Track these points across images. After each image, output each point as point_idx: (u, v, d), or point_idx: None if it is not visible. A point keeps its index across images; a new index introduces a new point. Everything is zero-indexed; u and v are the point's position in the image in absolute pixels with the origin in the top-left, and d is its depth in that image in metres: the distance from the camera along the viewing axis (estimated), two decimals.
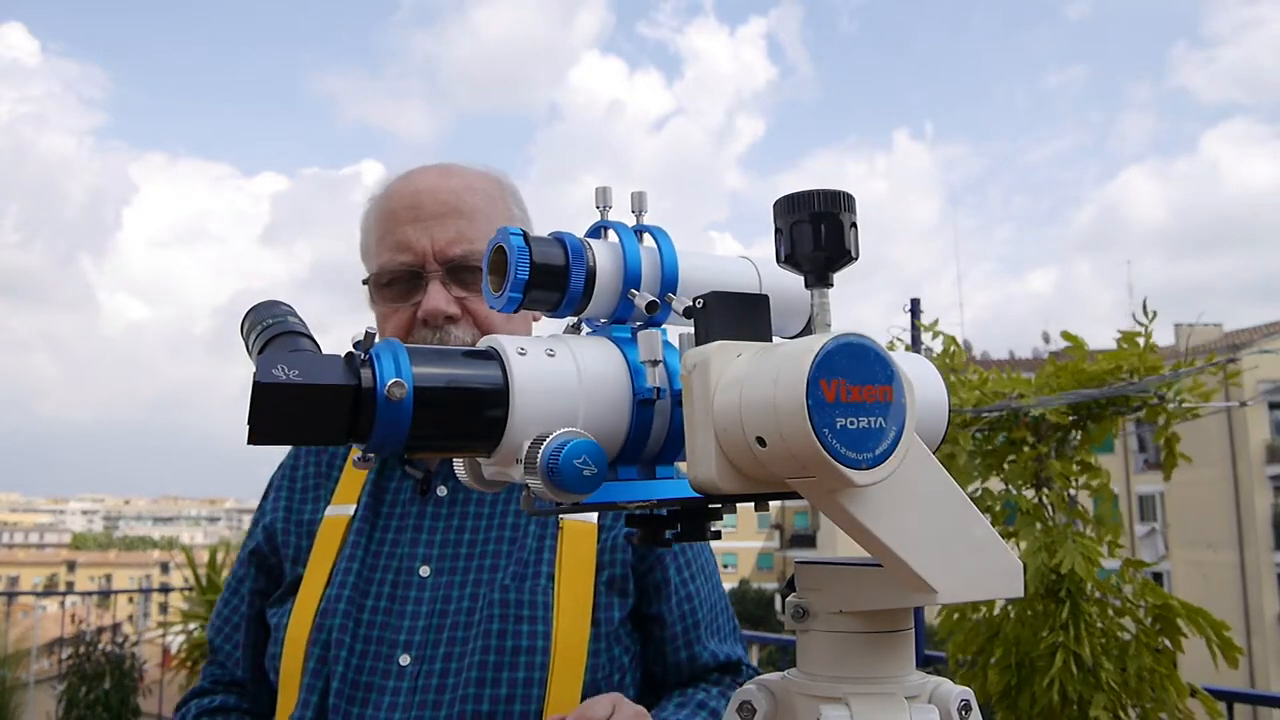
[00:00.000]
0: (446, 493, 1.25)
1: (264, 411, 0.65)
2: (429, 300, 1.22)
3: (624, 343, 0.75)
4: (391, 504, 1.25)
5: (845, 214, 0.67)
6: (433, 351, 0.70)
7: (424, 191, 1.27)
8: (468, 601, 1.15)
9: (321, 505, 1.28)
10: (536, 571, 1.18)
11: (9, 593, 12.73)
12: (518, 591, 1.16)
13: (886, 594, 0.71)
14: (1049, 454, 2.07)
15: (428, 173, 1.31)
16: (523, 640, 1.13)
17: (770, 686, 0.78)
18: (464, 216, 1.26)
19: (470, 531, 1.21)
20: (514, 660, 1.12)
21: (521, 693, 1.11)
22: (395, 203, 1.28)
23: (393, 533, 1.22)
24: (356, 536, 1.21)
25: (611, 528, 1.25)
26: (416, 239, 1.24)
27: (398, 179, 1.33)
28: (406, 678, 1.11)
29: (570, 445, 0.64)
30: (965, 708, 0.75)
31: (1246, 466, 24.01)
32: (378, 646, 1.14)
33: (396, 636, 1.14)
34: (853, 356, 0.59)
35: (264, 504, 1.36)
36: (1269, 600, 23.55)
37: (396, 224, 1.26)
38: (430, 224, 1.24)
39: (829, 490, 0.62)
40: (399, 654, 1.13)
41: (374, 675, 1.12)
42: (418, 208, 1.26)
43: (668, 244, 0.78)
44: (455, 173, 1.31)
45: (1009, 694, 1.97)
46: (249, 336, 0.81)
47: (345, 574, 1.18)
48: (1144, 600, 1.97)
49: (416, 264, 1.24)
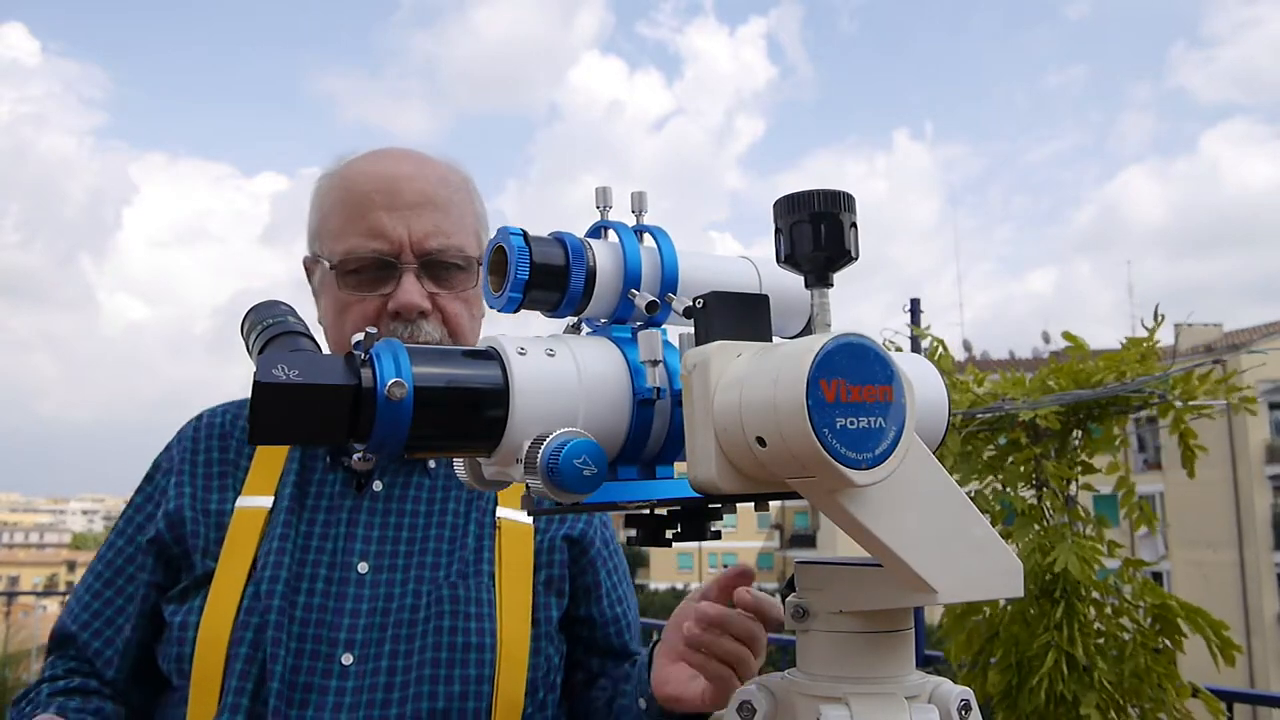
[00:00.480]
0: (382, 488, 1.20)
1: (264, 411, 0.65)
2: (403, 293, 1.17)
3: (624, 343, 0.75)
4: (317, 496, 1.18)
5: (845, 214, 0.67)
6: (433, 351, 0.70)
7: (400, 178, 1.21)
8: (411, 599, 1.13)
9: (230, 495, 1.19)
10: (478, 570, 1.17)
11: (9, 593, 12.73)
12: (465, 589, 1.14)
13: (886, 594, 0.71)
14: (1046, 455, 2.07)
15: (400, 158, 1.25)
16: (472, 637, 1.12)
17: (770, 686, 0.78)
18: (440, 209, 1.21)
19: (409, 529, 1.18)
20: (465, 657, 1.11)
21: (474, 689, 1.10)
22: (367, 185, 1.21)
23: (320, 526, 1.16)
24: (285, 529, 1.14)
25: (546, 530, 1.25)
26: (392, 227, 1.18)
27: (363, 158, 1.26)
28: (351, 677, 1.08)
29: (570, 445, 0.64)
30: (965, 708, 0.75)
31: (1246, 466, 24.01)
32: (314, 645, 1.09)
33: (336, 635, 1.09)
34: (853, 356, 0.59)
35: (157, 487, 1.24)
36: (1269, 600, 23.56)
37: (369, 208, 1.19)
38: (407, 213, 1.19)
39: (829, 490, 0.62)
40: (340, 653, 1.09)
41: (313, 675, 1.08)
42: (394, 194, 1.20)
43: (668, 244, 0.78)
44: (428, 161, 1.26)
45: (1009, 694, 1.97)
46: (249, 336, 0.81)
47: (275, 569, 1.11)
48: (1143, 600, 1.97)
49: (391, 253, 1.18)
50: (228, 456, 1.23)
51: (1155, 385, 1.96)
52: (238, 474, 1.21)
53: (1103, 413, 2.03)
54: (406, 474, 1.22)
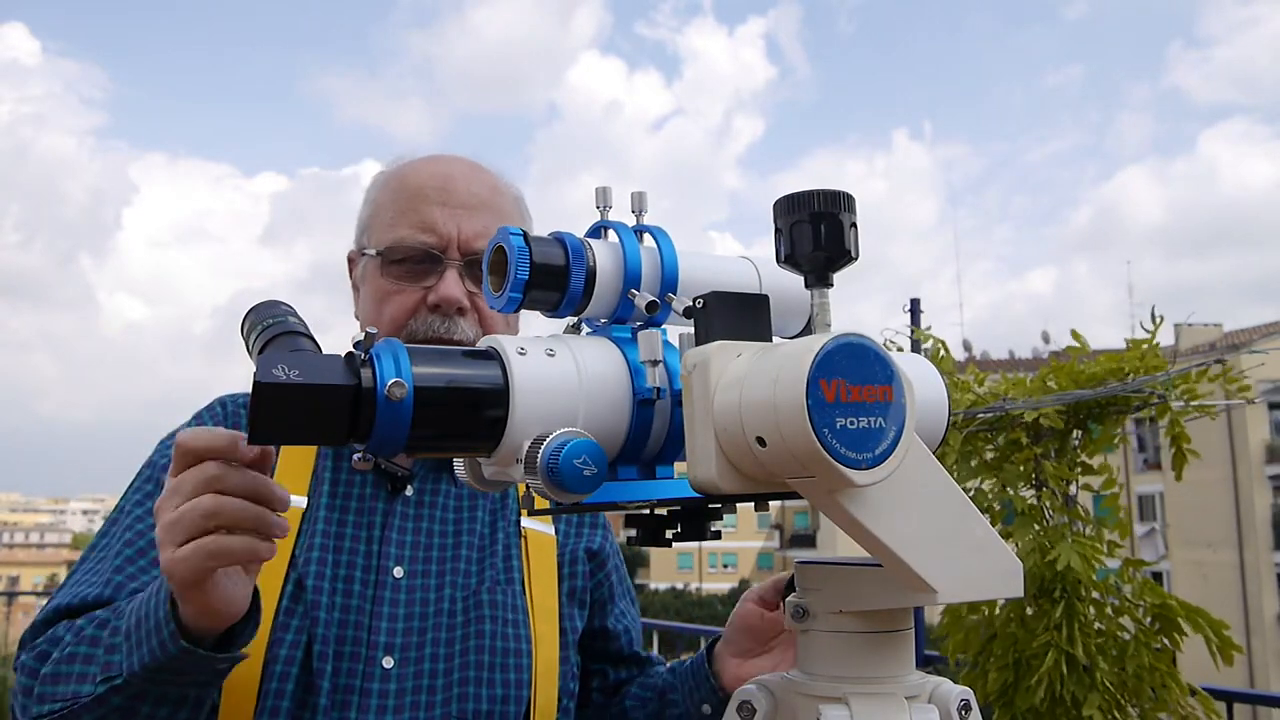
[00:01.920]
0: (413, 493, 1.20)
1: (264, 411, 0.65)
2: (445, 286, 1.18)
3: (624, 343, 0.75)
4: (346, 498, 1.18)
5: (845, 214, 0.67)
6: (433, 351, 0.70)
7: (457, 177, 1.23)
8: (448, 604, 1.14)
9: None
10: (510, 578, 1.19)
11: (9, 593, 12.73)
12: (502, 594, 1.17)
13: (886, 594, 0.71)
14: (1046, 455, 2.07)
15: (457, 161, 1.27)
16: (510, 642, 1.14)
17: (770, 686, 0.78)
18: (492, 213, 1.23)
19: (440, 535, 1.19)
20: (505, 661, 1.13)
21: (514, 694, 1.12)
22: (423, 180, 1.23)
23: (352, 529, 1.16)
24: (326, 526, 1.14)
25: (566, 542, 1.27)
26: (444, 222, 1.19)
27: (422, 159, 1.28)
28: (392, 679, 1.09)
29: (570, 445, 0.64)
30: (965, 708, 0.75)
31: (1246, 466, 24.01)
32: (354, 647, 1.09)
33: (376, 638, 1.10)
34: (852, 356, 0.59)
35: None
36: (1269, 600, 23.56)
37: (423, 202, 1.21)
38: (459, 212, 1.20)
39: (829, 490, 0.62)
40: (380, 655, 1.09)
41: (353, 678, 1.08)
42: (449, 191, 1.21)
43: (668, 244, 0.77)
44: (484, 169, 1.28)
45: (1006, 693, 1.97)
46: (249, 336, 0.81)
47: (320, 567, 1.11)
48: (1143, 600, 1.97)
49: (438, 247, 1.19)
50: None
51: (1156, 385, 1.95)
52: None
53: (1102, 413, 2.03)
54: (435, 479, 1.22)
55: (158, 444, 1.23)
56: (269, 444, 0.80)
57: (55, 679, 0.93)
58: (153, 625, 0.87)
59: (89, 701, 0.90)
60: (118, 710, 0.90)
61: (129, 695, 0.89)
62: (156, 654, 0.87)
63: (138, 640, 0.88)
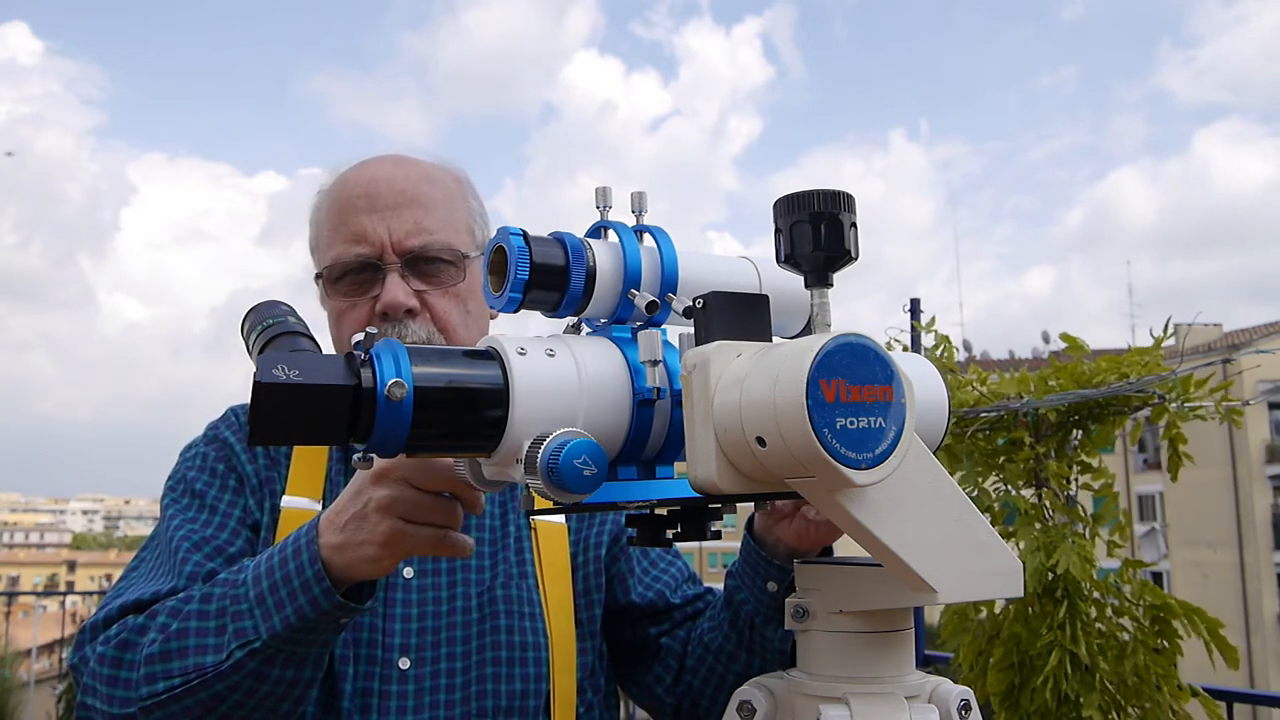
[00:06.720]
0: None
1: (265, 411, 0.65)
2: (387, 292, 1.17)
3: (624, 343, 0.75)
4: None
5: (845, 214, 0.67)
6: (433, 351, 0.70)
7: (380, 180, 1.22)
8: (460, 601, 1.15)
9: (277, 496, 1.18)
10: (522, 572, 1.19)
11: (9, 593, 12.73)
12: (515, 589, 1.17)
13: (886, 594, 0.71)
14: (1048, 454, 2.07)
15: (383, 162, 1.26)
16: (528, 636, 1.14)
17: (770, 686, 0.78)
18: (422, 206, 1.21)
19: None
20: (523, 656, 1.13)
21: (533, 688, 1.13)
22: (349, 191, 1.22)
23: None
24: None
25: (579, 529, 1.26)
26: (373, 229, 1.19)
27: (350, 169, 1.27)
28: (410, 680, 1.10)
29: (570, 445, 0.64)
30: (965, 708, 0.75)
31: (1246, 466, 24.00)
32: (370, 650, 1.10)
33: (391, 640, 1.11)
34: (852, 356, 0.59)
35: (240, 466, 1.20)
36: (1269, 600, 23.55)
37: (352, 213, 1.21)
38: (387, 214, 1.19)
39: (829, 490, 0.62)
40: (396, 657, 1.10)
41: (371, 680, 1.09)
42: (374, 196, 1.20)
43: (668, 244, 0.77)
44: (412, 162, 1.27)
45: (1011, 693, 1.97)
46: (249, 336, 0.81)
47: None
48: (1143, 600, 1.96)
49: (373, 255, 1.19)
50: (270, 454, 1.24)
51: (1158, 386, 1.95)
52: (279, 471, 1.21)
53: (1102, 412, 2.03)
54: None
55: (180, 455, 1.27)
56: (269, 444, 0.80)
57: (167, 656, 0.95)
58: (298, 585, 0.91)
59: (223, 670, 0.93)
60: (251, 675, 0.93)
61: (263, 659, 0.92)
62: (305, 611, 0.91)
63: (276, 602, 0.92)
